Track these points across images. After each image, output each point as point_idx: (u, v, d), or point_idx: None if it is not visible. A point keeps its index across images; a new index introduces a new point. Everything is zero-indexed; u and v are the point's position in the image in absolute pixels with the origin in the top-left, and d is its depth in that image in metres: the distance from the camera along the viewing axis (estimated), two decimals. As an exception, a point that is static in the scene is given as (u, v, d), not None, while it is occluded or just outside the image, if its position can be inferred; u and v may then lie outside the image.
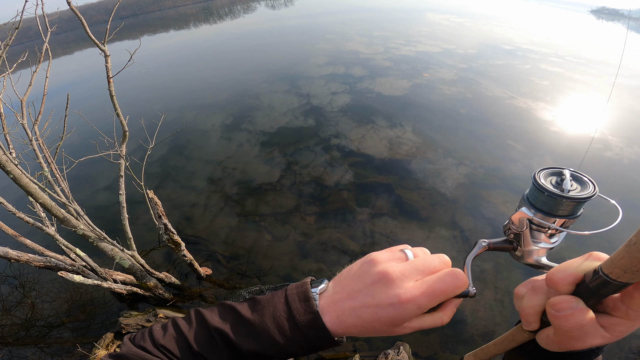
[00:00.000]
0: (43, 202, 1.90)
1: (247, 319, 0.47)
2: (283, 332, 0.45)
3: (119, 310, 3.29)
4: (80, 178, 5.50)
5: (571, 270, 0.34)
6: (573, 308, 0.33)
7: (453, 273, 0.43)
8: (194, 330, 0.49)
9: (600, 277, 0.31)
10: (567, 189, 0.37)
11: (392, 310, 0.41)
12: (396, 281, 0.42)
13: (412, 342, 2.89)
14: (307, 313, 0.45)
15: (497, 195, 4.41)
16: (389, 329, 0.44)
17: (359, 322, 0.43)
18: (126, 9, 48.69)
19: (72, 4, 2.13)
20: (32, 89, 2.71)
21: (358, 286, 0.45)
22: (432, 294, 0.41)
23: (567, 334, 0.35)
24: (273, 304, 0.47)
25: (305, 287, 0.47)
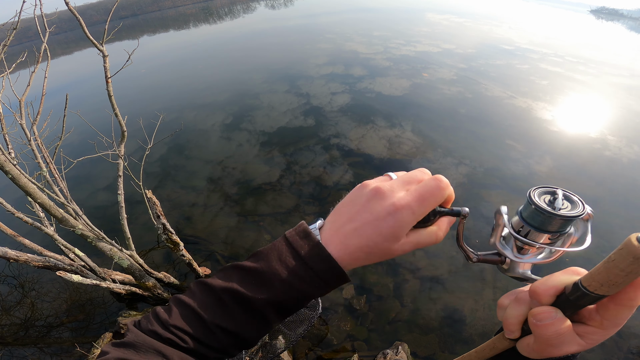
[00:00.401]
0: (42, 202, 1.90)
1: (254, 268, 0.46)
2: (292, 271, 0.44)
3: (117, 310, 3.29)
4: (80, 177, 5.51)
5: (553, 283, 0.37)
6: (553, 318, 0.36)
7: (436, 178, 0.45)
8: (199, 300, 0.47)
9: (580, 290, 0.34)
10: (559, 207, 0.40)
11: (391, 219, 0.43)
12: (388, 193, 0.45)
13: (411, 342, 2.89)
14: (311, 247, 0.45)
15: (496, 195, 4.41)
16: (391, 245, 0.44)
17: (362, 241, 0.44)
18: (126, 9, 48.72)
19: (71, 4, 2.13)
20: (30, 89, 2.71)
21: (355, 208, 0.46)
22: (421, 197, 0.44)
23: (547, 342, 0.37)
24: (276, 249, 0.47)
25: (303, 226, 0.48)
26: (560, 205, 0.40)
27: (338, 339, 2.93)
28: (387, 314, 3.11)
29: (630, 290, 0.33)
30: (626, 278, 0.31)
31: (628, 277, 0.31)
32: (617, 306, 0.35)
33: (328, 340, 2.92)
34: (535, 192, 0.42)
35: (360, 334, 2.96)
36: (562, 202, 0.41)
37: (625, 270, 0.30)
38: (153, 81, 10.96)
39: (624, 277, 0.31)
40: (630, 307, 0.34)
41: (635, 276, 0.31)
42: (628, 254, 0.30)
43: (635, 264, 0.30)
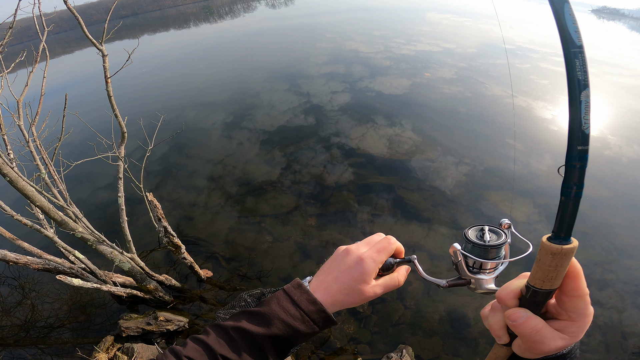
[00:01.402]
0: (41, 205, 1.87)
1: (258, 311, 0.57)
2: (288, 311, 0.56)
3: (119, 311, 3.26)
4: (81, 176, 5.47)
5: (511, 288, 0.43)
6: (524, 317, 0.41)
7: (387, 238, 0.62)
8: (213, 337, 0.57)
9: (530, 289, 0.40)
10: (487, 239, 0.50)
11: (359, 267, 0.58)
12: (354, 250, 0.61)
13: (415, 344, 2.86)
14: (303, 293, 0.58)
15: (497, 195, 4.39)
16: (363, 287, 0.58)
17: (340, 285, 0.58)
18: (126, 8, 48.59)
19: (71, 3, 2.10)
20: (29, 89, 2.67)
21: (333, 265, 0.61)
22: (377, 250, 0.60)
23: (530, 339, 0.41)
24: (276, 297, 0.58)
25: (297, 280, 0.61)
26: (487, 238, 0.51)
27: (341, 342, 2.90)
28: (391, 317, 3.08)
29: (570, 282, 0.39)
30: (557, 270, 0.37)
31: (558, 270, 0.37)
32: (569, 298, 0.40)
33: (331, 343, 2.90)
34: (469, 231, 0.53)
35: (363, 337, 2.93)
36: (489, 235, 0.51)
37: (552, 265, 0.37)
38: (154, 80, 10.92)
39: (555, 271, 0.37)
40: (579, 296, 0.39)
41: (563, 268, 0.37)
42: (546, 252, 0.37)
43: (556, 259, 0.36)
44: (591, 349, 2.82)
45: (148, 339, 2.80)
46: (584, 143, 0.39)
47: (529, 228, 3.86)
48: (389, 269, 0.61)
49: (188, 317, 3.01)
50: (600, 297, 3.17)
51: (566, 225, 0.37)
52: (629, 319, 3.01)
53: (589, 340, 2.86)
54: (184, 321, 2.89)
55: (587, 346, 2.83)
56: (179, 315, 2.95)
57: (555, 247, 0.36)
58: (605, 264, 3.50)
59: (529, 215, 4.04)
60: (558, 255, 0.36)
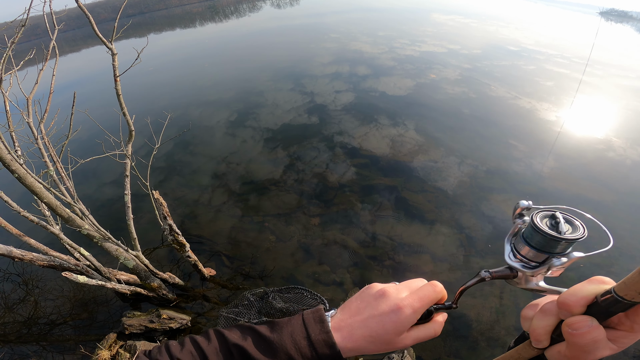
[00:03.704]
0: (48, 201, 1.89)
1: (267, 337, 0.52)
2: (299, 349, 0.51)
3: (122, 309, 3.28)
4: (88, 172, 5.52)
5: (583, 294, 0.39)
6: (589, 326, 0.38)
7: (432, 284, 0.55)
8: (212, 346, 0.53)
9: (614, 298, 0.36)
10: (563, 231, 0.43)
11: (394, 316, 0.50)
12: (393, 294, 0.53)
13: (416, 346, 2.86)
14: (322, 332, 0.52)
15: (501, 197, 4.37)
16: (393, 338, 0.51)
17: (366, 332, 0.51)
18: (133, 7, 48.81)
19: (80, 1, 2.12)
20: (38, 87, 2.70)
21: (363, 304, 0.54)
22: (419, 299, 0.52)
23: (582, 349, 0.39)
24: (291, 325, 0.53)
25: (321, 312, 0.55)
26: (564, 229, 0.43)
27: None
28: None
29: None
30: None
31: None
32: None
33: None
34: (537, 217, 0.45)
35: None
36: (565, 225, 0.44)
37: None
38: (160, 79, 10.97)
39: None
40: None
41: None
42: None
43: None
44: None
45: (151, 336, 2.82)
46: None
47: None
48: (427, 317, 0.54)
49: (191, 315, 3.03)
50: None
51: None
52: None
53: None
54: (186, 319, 2.91)
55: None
56: (182, 314, 2.97)
57: None
58: (607, 266, 3.48)
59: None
60: None
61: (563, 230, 0.43)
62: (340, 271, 3.51)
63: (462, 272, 3.44)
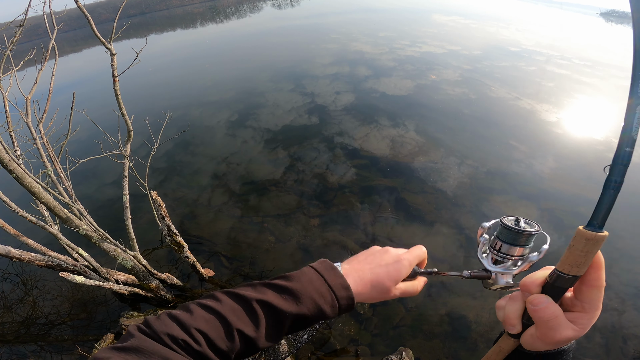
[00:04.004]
0: (46, 201, 1.89)
1: (288, 287, 0.55)
2: (321, 293, 0.55)
3: (120, 309, 3.28)
4: (88, 172, 5.52)
5: (537, 276, 0.46)
6: (546, 301, 0.44)
7: (419, 246, 0.66)
8: (227, 306, 0.52)
9: (556, 274, 0.44)
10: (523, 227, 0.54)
11: (396, 265, 0.61)
12: (394, 250, 0.65)
13: (415, 347, 2.85)
14: (337, 277, 0.58)
15: (501, 197, 4.36)
16: (391, 285, 0.60)
17: (374, 277, 0.59)
18: (134, 8, 48.93)
19: (80, 1, 2.12)
20: (37, 87, 2.70)
21: (370, 258, 0.64)
22: (414, 255, 0.64)
23: (547, 324, 0.44)
24: (306, 274, 0.58)
25: (327, 262, 0.62)
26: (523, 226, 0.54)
27: (341, 344, 2.90)
28: (392, 319, 3.08)
29: (592, 271, 0.42)
30: (586, 257, 0.41)
31: (587, 256, 0.41)
32: (589, 287, 0.43)
33: (331, 345, 2.89)
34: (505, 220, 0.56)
35: (363, 339, 2.93)
36: (524, 224, 0.54)
37: (583, 250, 0.41)
38: (160, 79, 10.99)
39: (585, 256, 0.41)
40: (598, 286, 0.43)
41: (592, 255, 0.41)
42: (581, 238, 0.41)
43: (588, 245, 0.40)
44: (591, 351, 2.79)
45: (149, 336, 2.81)
46: (631, 146, 0.43)
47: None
48: (412, 276, 0.65)
49: (189, 316, 3.02)
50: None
51: (602, 216, 0.41)
52: (629, 322, 2.98)
53: (589, 343, 2.84)
54: (185, 319, 2.90)
55: (587, 349, 2.81)
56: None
57: (589, 234, 0.40)
58: (607, 267, 3.46)
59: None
60: (591, 241, 0.40)
61: (523, 227, 0.54)
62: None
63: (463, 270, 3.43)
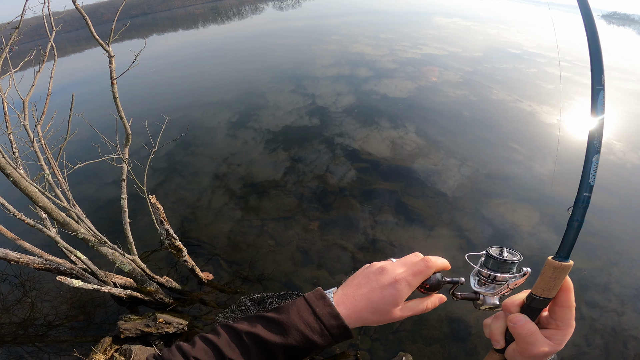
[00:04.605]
0: (43, 205, 1.87)
1: (276, 319, 0.56)
2: (308, 323, 0.55)
3: (118, 312, 3.26)
4: (89, 172, 5.49)
5: (516, 298, 0.54)
6: (524, 319, 0.50)
7: (425, 259, 0.61)
8: (223, 339, 0.55)
9: (531, 296, 0.51)
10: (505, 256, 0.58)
11: (392, 289, 0.57)
12: (390, 270, 0.59)
13: (415, 352, 2.83)
14: (325, 306, 0.57)
15: (501, 201, 4.34)
16: (391, 309, 0.57)
17: (368, 303, 0.57)
18: (136, 8, 49.05)
19: (79, 2, 2.10)
20: (35, 88, 2.69)
21: (365, 280, 0.60)
22: (413, 273, 0.58)
23: (525, 340, 0.49)
24: (295, 306, 0.58)
25: (320, 290, 0.60)
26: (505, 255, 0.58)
27: (340, 348, 2.87)
28: (391, 324, 3.04)
29: (563, 294, 0.49)
30: (555, 282, 0.48)
31: (556, 281, 0.48)
32: (560, 308, 0.50)
33: (330, 350, 2.87)
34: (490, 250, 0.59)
35: (363, 344, 2.90)
36: (507, 253, 0.58)
37: (552, 277, 0.48)
38: (162, 79, 10.99)
39: (554, 282, 0.48)
40: (568, 307, 0.50)
41: (560, 281, 0.48)
42: (549, 266, 0.48)
43: (556, 272, 0.48)
44: (592, 355, 2.77)
45: (147, 340, 2.79)
46: (589, 191, 0.50)
47: (534, 239, 3.81)
48: (437, 287, 0.62)
49: (188, 320, 3.00)
50: (600, 300, 3.13)
51: (567, 249, 0.48)
52: (629, 325, 2.96)
53: (589, 346, 2.81)
54: (183, 324, 2.88)
55: (587, 352, 2.78)
56: (178, 318, 2.94)
57: (557, 263, 0.48)
58: (607, 267, 3.46)
59: (534, 225, 3.99)
60: (558, 269, 0.48)
61: (505, 256, 0.58)
62: (339, 276, 3.48)
63: (462, 276, 3.41)
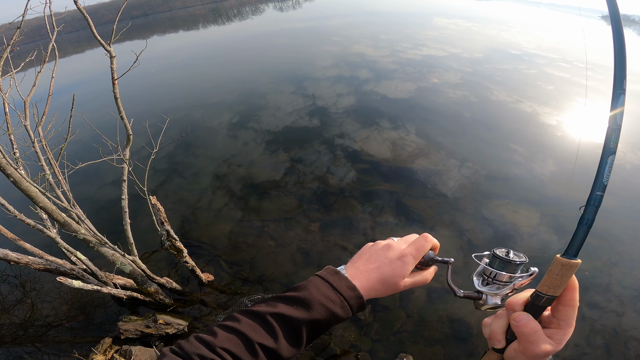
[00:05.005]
0: (44, 206, 1.87)
1: (297, 296, 0.59)
2: (328, 297, 0.59)
3: (118, 313, 3.25)
4: (90, 172, 5.49)
5: (520, 296, 0.53)
6: (527, 318, 0.50)
7: (423, 236, 0.68)
8: (246, 323, 0.56)
9: (536, 294, 0.50)
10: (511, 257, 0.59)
11: (400, 262, 0.64)
12: (396, 246, 0.67)
13: (416, 353, 2.82)
14: (341, 280, 0.62)
15: (502, 202, 4.34)
16: (399, 280, 0.63)
17: (380, 276, 0.63)
18: (137, 9, 49.07)
19: (81, 3, 2.10)
20: (37, 89, 2.69)
21: (374, 256, 0.66)
22: (416, 248, 0.66)
23: (527, 338, 0.49)
24: (313, 283, 0.61)
25: (331, 267, 0.65)
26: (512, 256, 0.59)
27: (341, 349, 2.87)
28: (392, 325, 3.05)
29: (568, 293, 0.49)
30: (562, 280, 0.48)
31: (563, 279, 0.48)
32: (564, 307, 0.49)
33: (331, 350, 2.86)
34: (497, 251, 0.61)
35: (364, 345, 2.90)
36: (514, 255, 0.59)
37: (559, 274, 0.48)
38: (162, 80, 11.00)
39: (560, 279, 0.48)
40: (572, 306, 0.49)
41: (567, 279, 0.47)
42: (557, 264, 0.48)
43: (564, 269, 0.47)
44: (593, 355, 2.76)
45: (147, 341, 2.79)
46: (602, 190, 0.49)
47: (535, 239, 3.81)
48: (428, 264, 0.68)
49: (188, 321, 2.99)
50: (600, 301, 3.13)
51: (576, 247, 0.48)
52: (629, 325, 2.96)
53: (590, 346, 2.81)
54: (183, 325, 2.88)
55: (588, 353, 2.78)
56: (178, 319, 2.94)
57: (565, 261, 0.47)
58: (607, 268, 3.45)
59: (534, 225, 3.99)
60: (566, 267, 0.47)
61: (511, 257, 0.59)
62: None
63: (462, 278, 3.40)
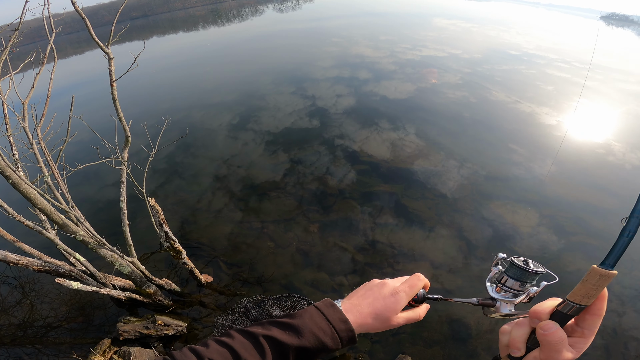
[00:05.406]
0: (42, 208, 1.87)
1: (291, 323, 0.62)
2: (320, 327, 0.62)
3: (117, 314, 3.25)
4: (89, 173, 5.50)
5: (547, 304, 0.51)
6: (555, 327, 0.48)
7: (416, 275, 0.71)
8: (238, 341, 0.59)
9: (567, 303, 0.49)
10: (531, 267, 0.59)
11: (393, 298, 0.67)
12: (390, 284, 0.70)
13: (415, 354, 2.82)
14: (335, 312, 0.65)
15: (501, 202, 4.34)
16: (392, 316, 0.66)
17: (372, 310, 0.66)
18: (137, 10, 49.15)
19: (79, 4, 2.11)
20: (35, 90, 2.69)
21: (368, 292, 0.70)
22: (409, 285, 0.69)
23: (553, 348, 0.48)
24: (307, 312, 0.65)
25: (328, 300, 0.69)
26: (531, 266, 0.59)
27: (340, 350, 2.86)
28: (392, 326, 3.04)
29: (598, 302, 0.48)
30: (597, 290, 0.46)
31: (598, 289, 0.46)
32: (592, 316, 0.49)
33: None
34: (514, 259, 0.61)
35: (363, 346, 2.89)
36: (532, 264, 0.60)
37: (595, 284, 0.46)
38: (161, 81, 11.01)
39: (595, 289, 0.46)
40: (600, 315, 0.48)
41: (601, 289, 0.46)
42: (595, 274, 0.46)
43: (601, 280, 0.46)
44: (592, 355, 2.76)
45: (146, 342, 2.79)
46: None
47: (534, 240, 3.81)
48: (421, 301, 0.72)
49: (187, 322, 2.99)
50: None
51: (615, 258, 0.47)
52: (629, 325, 2.95)
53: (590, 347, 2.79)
54: (182, 326, 2.88)
55: (588, 353, 2.77)
56: (177, 320, 2.94)
57: (603, 271, 0.46)
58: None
59: (533, 226, 3.98)
60: (604, 277, 0.46)
61: (531, 267, 0.59)
62: (338, 278, 3.48)
63: (462, 279, 3.40)
